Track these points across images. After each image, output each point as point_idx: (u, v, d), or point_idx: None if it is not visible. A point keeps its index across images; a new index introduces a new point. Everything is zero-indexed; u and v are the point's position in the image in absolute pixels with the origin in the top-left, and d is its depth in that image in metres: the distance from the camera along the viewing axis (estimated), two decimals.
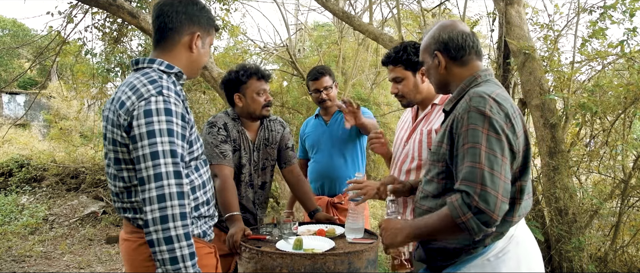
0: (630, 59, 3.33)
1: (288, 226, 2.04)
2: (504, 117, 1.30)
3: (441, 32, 1.48)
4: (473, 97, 1.32)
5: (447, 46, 1.47)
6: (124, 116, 1.40)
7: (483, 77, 1.46)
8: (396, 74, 2.05)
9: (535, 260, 1.42)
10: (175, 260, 1.33)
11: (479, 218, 1.24)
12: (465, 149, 1.30)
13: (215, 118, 2.38)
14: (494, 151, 1.27)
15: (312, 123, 3.01)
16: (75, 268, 4.82)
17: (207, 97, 7.45)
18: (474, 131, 1.29)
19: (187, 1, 1.56)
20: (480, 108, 1.29)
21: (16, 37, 16.67)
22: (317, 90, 2.82)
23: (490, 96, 1.31)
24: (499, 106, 1.30)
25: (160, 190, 1.33)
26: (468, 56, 1.47)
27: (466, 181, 1.27)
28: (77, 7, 5.76)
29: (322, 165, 2.85)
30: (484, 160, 1.26)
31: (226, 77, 2.41)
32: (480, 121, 1.29)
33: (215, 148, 2.26)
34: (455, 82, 1.50)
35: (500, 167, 1.26)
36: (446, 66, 1.49)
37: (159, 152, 1.35)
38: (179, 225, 1.34)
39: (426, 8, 5.93)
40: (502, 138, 1.28)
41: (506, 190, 1.26)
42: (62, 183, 7.70)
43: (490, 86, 1.39)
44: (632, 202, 3.50)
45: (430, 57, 1.52)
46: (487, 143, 1.27)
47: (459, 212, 1.26)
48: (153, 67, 1.51)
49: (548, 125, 3.48)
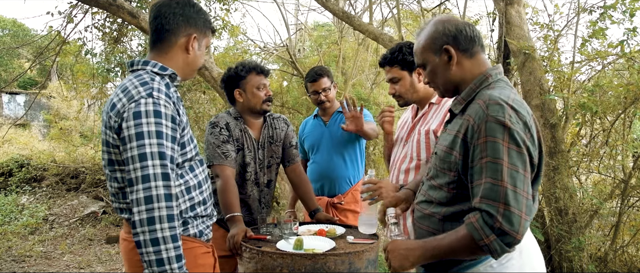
0: (630, 59, 3.33)
1: (289, 226, 2.04)
2: (523, 126, 1.22)
3: (446, 24, 1.37)
4: (490, 105, 1.22)
5: (457, 39, 1.35)
6: (114, 117, 1.42)
7: (494, 76, 1.36)
8: (393, 74, 2.05)
9: (537, 266, 1.39)
10: (161, 262, 1.34)
11: (502, 239, 1.17)
12: (484, 163, 1.21)
13: (217, 118, 2.38)
14: (516, 166, 1.19)
15: (311, 123, 3.01)
16: (75, 268, 4.82)
17: (207, 97, 7.46)
18: (494, 144, 1.20)
19: (184, 3, 1.56)
20: (500, 118, 1.20)
21: (16, 37, 16.67)
22: (316, 92, 2.82)
23: (508, 103, 1.22)
24: (517, 114, 1.22)
25: (148, 191, 1.34)
26: (477, 47, 1.37)
27: (487, 200, 1.19)
28: (77, 7, 5.76)
29: (321, 166, 2.85)
30: (506, 177, 1.18)
31: (226, 74, 2.41)
32: (500, 133, 1.20)
33: (217, 148, 2.26)
34: (466, 81, 1.38)
35: (522, 183, 1.19)
36: (458, 61, 1.36)
37: (147, 154, 1.35)
38: (165, 227, 1.34)
39: (426, 8, 5.93)
40: (523, 151, 1.21)
41: (529, 207, 1.19)
42: (62, 183, 7.70)
43: (505, 90, 1.30)
44: (632, 202, 3.50)
45: (435, 54, 1.39)
46: (509, 158, 1.19)
47: (482, 234, 1.18)
48: (147, 69, 1.51)
49: (548, 125, 3.48)
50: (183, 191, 1.52)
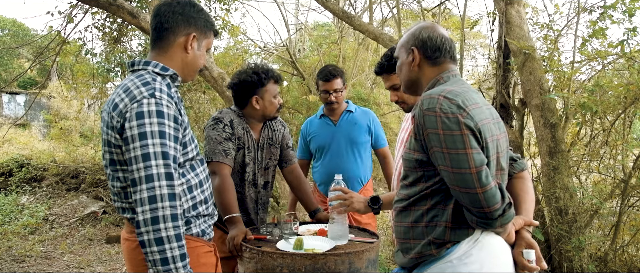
0: (630, 58, 3.33)
1: (289, 226, 2.04)
2: (456, 109, 1.30)
3: (422, 31, 1.52)
4: (423, 101, 1.35)
5: (425, 45, 1.50)
6: (116, 118, 1.42)
7: (445, 78, 1.48)
8: (392, 82, 2.02)
9: (500, 266, 1.38)
10: (166, 261, 1.34)
11: (482, 219, 1.31)
12: (432, 152, 1.33)
13: (221, 114, 2.32)
14: (456, 149, 1.28)
15: (317, 123, 2.94)
16: (75, 268, 4.82)
17: (207, 98, 7.46)
18: (433, 135, 1.31)
19: (184, 3, 1.57)
20: (431, 109, 1.31)
21: (16, 37, 16.66)
22: (327, 91, 2.77)
23: (441, 95, 1.33)
24: (449, 101, 1.31)
25: (152, 191, 1.34)
26: (442, 57, 1.50)
27: (452, 186, 1.32)
28: (77, 7, 5.76)
29: (333, 167, 2.77)
30: (449, 162, 1.29)
31: (243, 77, 2.32)
32: (434, 123, 1.30)
33: (218, 144, 2.20)
34: (422, 83, 1.53)
35: (466, 161, 1.28)
36: (419, 63, 1.52)
37: (150, 154, 1.36)
38: (169, 226, 1.35)
39: (426, 8, 5.94)
40: (458, 133, 1.28)
41: (484, 175, 1.28)
42: (62, 183, 7.70)
43: (445, 85, 1.42)
44: (632, 202, 3.50)
45: (405, 52, 1.55)
46: (447, 143, 1.29)
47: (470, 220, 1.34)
48: (148, 69, 1.52)
49: (548, 125, 3.48)
50: (185, 191, 1.52)
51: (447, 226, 1.36)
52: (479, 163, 1.28)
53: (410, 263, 1.45)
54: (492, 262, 1.36)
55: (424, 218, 1.41)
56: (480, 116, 1.34)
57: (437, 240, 1.37)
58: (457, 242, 1.36)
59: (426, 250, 1.39)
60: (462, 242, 1.36)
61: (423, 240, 1.40)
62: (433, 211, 1.39)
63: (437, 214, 1.39)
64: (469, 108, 1.32)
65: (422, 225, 1.41)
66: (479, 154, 1.29)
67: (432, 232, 1.38)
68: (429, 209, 1.40)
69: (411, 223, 1.44)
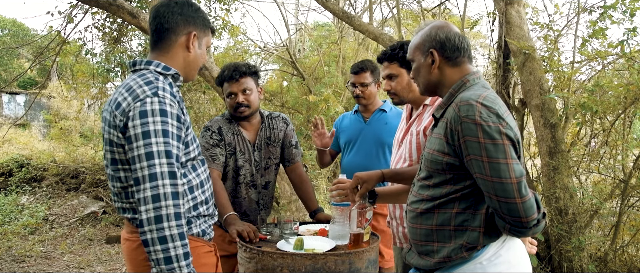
0: (630, 59, 3.33)
1: (289, 226, 2.04)
2: (496, 118, 1.28)
3: (438, 31, 1.48)
4: (461, 107, 1.31)
5: (444, 46, 1.46)
6: (119, 117, 1.42)
7: (472, 81, 1.45)
8: (391, 71, 2.04)
9: (524, 265, 1.44)
10: (169, 260, 1.34)
11: (516, 228, 1.30)
12: (469, 160, 1.30)
13: (211, 122, 2.40)
14: (497, 159, 1.26)
15: (350, 118, 2.91)
16: (75, 268, 4.82)
17: (207, 98, 7.46)
18: (472, 142, 1.29)
19: (182, 3, 1.58)
20: (471, 117, 1.29)
21: (16, 37, 16.65)
22: (354, 84, 2.74)
23: (478, 101, 1.30)
24: (488, 109, 1.29)
25: (155, 190, 1.34)
26: (462, 57, 1.48)
27: (488, 194, 1.30)
28: (77, 7, 5.76)
29: (358, 164, 2.71)
30: (489, 171, 1.27)
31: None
32: (474, 131, 1.28)
33: (206, 151, 2.29)
34: (445, 85, 1.49)
35: (507, 172, 1.26)
36: (440, 66, 1.48)
37: (154, 152, 1.36)
38: (173, 225, 1.35)
39: (426, 8, 5.94)
40: (500, 141, 1.27)
41: (524, 185, 1.27)
42: (62, 183, 7.70)
43: (477, 90, 1.38)
44: (632, 202, 3.50)
45: (422, 55, 1.51)
46: (487, 152, 1.27)
47: (502, 229, 1.34)
48: (150, 68, 1.52)
49: (548, 125, 3.48)
50: (186, 191, 1.52)
51: (481, 231, 1.36)
52: (518, 173, 1.27)
53: (434, 266, 1.43)
54: (518, 261, 1.41)
55: (451, 222, 1.39)
56: (513, 124, 1.34)
57: (469, 244, 1.37)
58: (485, 245, 1.37)
59: (457, 253, 1.38)
60: (491, 243, 1.37)
61: (450, 244, 1.39)
62: (462, 216, 1.38)
63: (467, 218, 1.38)
64: (507, 118, 1.31)
65: (450, 228, 1.40)
66: (518, 164, 1.28)
67: (462, 236, 1.38)
68: (458, 213, 1.38)
69: (436, 226, 1.42)
